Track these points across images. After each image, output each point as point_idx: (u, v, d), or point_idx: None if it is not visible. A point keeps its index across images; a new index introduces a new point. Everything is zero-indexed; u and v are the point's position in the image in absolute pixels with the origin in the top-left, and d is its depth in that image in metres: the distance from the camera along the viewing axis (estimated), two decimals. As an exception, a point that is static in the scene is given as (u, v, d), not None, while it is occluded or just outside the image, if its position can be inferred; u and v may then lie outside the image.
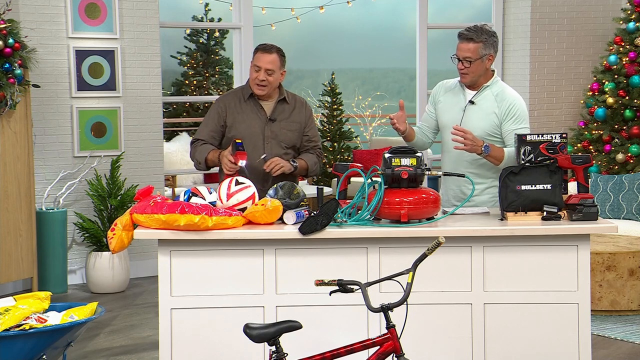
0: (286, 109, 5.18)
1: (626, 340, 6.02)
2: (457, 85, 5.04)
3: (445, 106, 5.04)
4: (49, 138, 7.74)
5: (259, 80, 5.06)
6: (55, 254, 7.51)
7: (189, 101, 14.39)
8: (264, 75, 5.04)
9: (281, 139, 5.12)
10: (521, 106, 4.91)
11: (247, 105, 5.13)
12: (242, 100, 5.14)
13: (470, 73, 4.88)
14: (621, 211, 7.85)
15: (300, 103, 5.26)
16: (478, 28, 4.88)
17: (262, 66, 5.04)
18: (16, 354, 4.44)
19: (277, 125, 5.13)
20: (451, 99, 5.02)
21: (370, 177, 4.30)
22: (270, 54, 5.07)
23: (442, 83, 5.15)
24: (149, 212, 4.18)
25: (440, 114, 5.06)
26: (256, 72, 5.06)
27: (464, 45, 4.85)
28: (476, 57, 4.83)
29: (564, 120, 9.39)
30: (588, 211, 4.31)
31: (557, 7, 9.27)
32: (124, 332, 6.38)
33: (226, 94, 5.29)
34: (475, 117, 4.90)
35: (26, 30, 7.34)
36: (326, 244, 4.26)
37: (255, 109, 5.13)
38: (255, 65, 5.07)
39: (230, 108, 5.13)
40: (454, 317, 4.31)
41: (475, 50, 4.83)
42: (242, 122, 5.10)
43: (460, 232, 4.24)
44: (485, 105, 4.90)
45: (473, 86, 4.95)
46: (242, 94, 5.17)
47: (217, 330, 4.28)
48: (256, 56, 5.09)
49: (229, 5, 9.78)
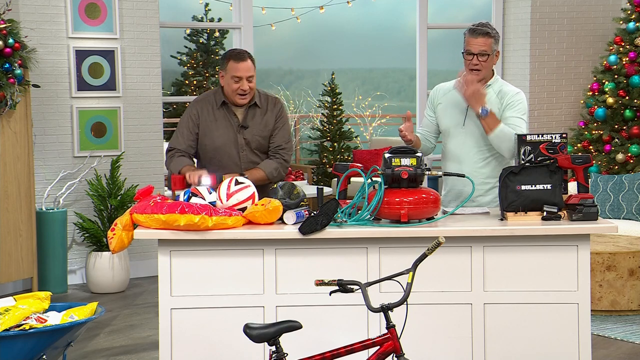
0: (257, 114, 5.02)
1: (626, 340, 6.02)
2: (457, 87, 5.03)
3: (446, 108, 5.02)
4: (49, 138, 7.74)
5: (242, 91, 4.90)
6: (55, 254, 7.51)
7: (189, 101, 14.37)
8: (247, 84, 4.89)
9: (254, 146, 4.99)
10: (521, 98, 4.92)
11: (219, 113, 4.98)
12: (214, 107, 4.99)
13: (484, 69, 4.87)
14: (621, 211, 7.85)
15: (271, 104, 5.06)
16: (488, 24, 4.91)
17: (242, 75, 4.87)
18: (16, 354, 4.44)
19: (249, 132, 4.99)
20: (452, 101, 5.00)
21: (370, 177, 4.30)
22: (245, 60, 4.90)
23: (439, 87, 5.12)
24: (149, 212, 4.18)
25: (441, 117, 5.03)
26: (236, 82, 4.88)
27: (481, 39, 4.83)
28: (490, 51, 4.85)
29: (564, 120, 9.39)
30: (588, 211, 4.31)
31: (557, 7, 9.28)
32: (124, 332, 6.38)
33: (198, 100, 5.08)
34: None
35: (26, 30, 7.34)
36: (326, 244, 4.26)
37: (227, 116, 4.98)
38: (234, 76, 4.88)
39: (203, 116, 4.98)
40: (454, 317, 4.31)
41: (490, 45, 4.84)
42: (215, 131, 4.97)
43: (460, 232, 4.24)
44: (489, 103, 4.90)
45: None
46: (215, 100, 5.00)
47: (217, 330, 4.28)
48: (231, 66, 4.89)
49: (229, 5, 9.78)
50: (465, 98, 4.80)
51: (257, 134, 5.01)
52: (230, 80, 4.91)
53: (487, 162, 4.91)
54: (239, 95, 4.92)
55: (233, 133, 4.99)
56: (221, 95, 5.00)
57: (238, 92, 4.92)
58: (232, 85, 4.91)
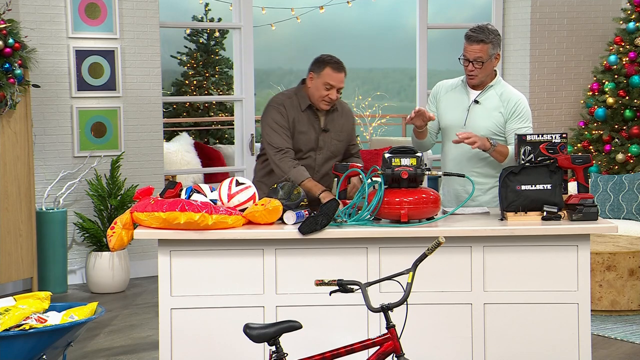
0: (335, 118, 5.08)
1: (626, 340, 6.02)
2: (460, 85, 5.02)
3: (448, 106, 5.01)
4: (49, 138, 7.74)
5: (329, 99, 4.92)
6: (55, 254, 7.51)
7: (189, 101, 14.38)
8: (336, 94, 4.93)
9: (331, 149, 5.05)
10: (526, 106, 4.93)
11: (304, 116, 4.99)
12: (299, 110, 4.99)
13: (480, 74, 4.87)
14: (621, 211, 7.85)
15: (346, 110, 5.18)
16: (485, 28, 4.86)
17: (336, 85, 4.91)
18: (16, 354, 4.44)
19: (329, 136, 5.05)
20: (454, 99, 5.00)
21: (370, 177, 4.30)
22: (342, 72, 4.94)
23: (442, 83, 5.12)
24: (149, 210, 4.18)
25: (442, 114, 5.03)
26: (327, 90, 4.90)
27: (476, 46, 4.81)
28: (487, 57, 4.83)
29: (564, 120, 9.39)
30: (588, 211, 4.31)
31: (557, 7, 9.27)
32: (124, 332, 6.38)
33: (281, 101, 5.02)
34: (479, 116, 4.90)
35: (26, 30, 7.34)
36: (326, 244, 4.26)
37: (312, 119, 5.00)
38: (327, 83, 4.89)
39: (291, 117, 4.97)
40: (454, 317, 4.31)
41: (486, 51, 4.82)
42: (302, 134, 4.99)
43: (460, 232, 4.24)
44: (490, 104, 4.90)
45: (478, 86, 4.95)
46: (299, 102, 5.00)
47: (217, 330, 4.28)
48: (327, 73, 4.90)
49: (229, 5, 9.78)
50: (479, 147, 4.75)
51: (334, 138, 5.07)
52: (322, 86, 4.92)
53: (487, 162, 4.91)
54: (324, 102, 4.95)
55: (315, 136, 5.01)
56: (305, 97, 5.00)
57: (325, 100, 4.94)
58: (322, 91, 4.92)
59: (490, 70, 4.89)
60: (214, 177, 11.14)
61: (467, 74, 4.90)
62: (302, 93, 5.01)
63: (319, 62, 4.95)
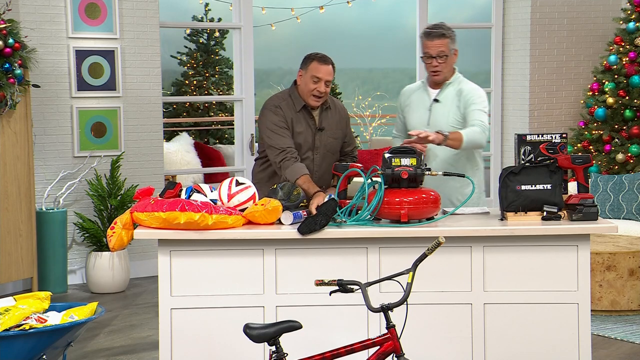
0: (329, 116, 5.11)
1: (626, 340, 6.02)
2: (421, 87, 5.15)
3: (411, 108, 5.14)
4: (49, 138, 7.74)
5: (318, 92, 4.95)
6: (55, 254, 7.51)
7: (189, 101, 14.38)
8: (324, 87, 4.95)
9: (328, 147, 5.07)
10: (480, 93, 4.97)
11: (300, 116, 5.01)
12: (294, 110, 5.01)
13: (444, 69, 4.97)
14: (621, 211, 7.85)
15: (340, 108, 5.20)
16: (442, 24, 5.00)
17: (323, 77, 4.93)
18: (16, 354, 4.44)
19: (325, 134, 5.07)
20: (417, 101, 5.13)
21: (370, 177, 4.31)
22: (327, 64, 4.97)
23: (406, 89, 5.25)
24: (149, 210, 4.19)
25: (407, 117, 5.16)
26: (315, 83, 4.93)
27: (438, 41, 4.93)
28: (448, 52, 4.94)
29: (564, 120, 9.39)
30: (588, 211, 4.31)
31: (557, 7, 9.27)
32: (124, 332, 6.38)
33: (276, 103, 5.04)
34: (440, 114, 5.00)
35: (26, 30, 7.34)
36: (326, 244, 4.26)
37: (307, 119, 5.02)
38: (314, 76, 4.93)
39: (289, 118, 4.99)
40: (454, 317, 4.31)
41: (447, 45, 4.94)
42: (299, 134, 5.00)
43: (460, 232, 4.24)
44: (449, 101, 5.01)
45: (436, 85, 5.05)
46: (294, 103, 5.02)
47: (217, 330, 4.28)
48: (313, 67, 4.95)
49: (229, 5, 9.78)
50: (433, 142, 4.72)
51: (330, 136, 5.09)
52: (309, 80, 4.96)
53: (458, 157, 4.96)
54: (313, 96, 4.97)
55: (311, 136, 5.03)
56: (298, 98, 5.02)
57: (314, 93, 4.96)
58: (309, 85, 4.96)
59: (451, 66, 5.00)
60: (214, 177, 11.15)
61: (431, 70, 5.00)
62: (295, 94, 5.04)
63: (305, 59, 5.04)
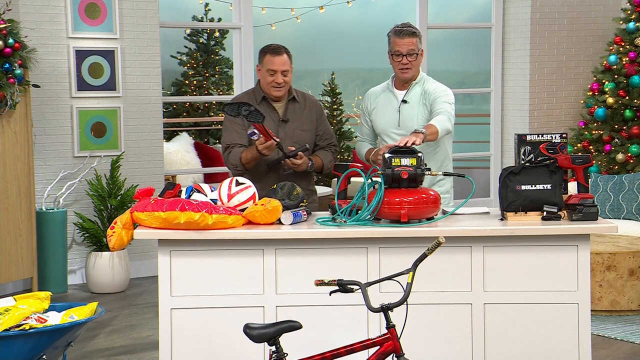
0: (297, 108, 5.16)
1: (626, 340, 6.02)
2: (386, 89, 5.18)
3: (379, 111, 5.16)
4: (49, 138, 7.74)
5: (276, 84, 5.04)
6: (55, 254, 7.51)
7: (189, 101, 14.38)
8: (281, 78, 5.03)
9: (295, 139, 5.09)
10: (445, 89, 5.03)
11: (261, 108, 5.05)
12: (255, 103, 5.07)
13: (414, 67, 5.02)
14: (621, 211, 7.85)
15: (310, 101, 5.25)
16: (410, 24, 5.09)
17: (278, 69, 5.03)
18: (16, 354, 4.44)
19: (290, 126, 5.11)
20: (383, 103, 5.15)
21: (370, 177, 4.31)
22: (280, 55, 5.05)
23: (371, 92, 5.27)
24: (149, 209, 4.19)
25: (375, 120, 5.18)
26: (271, 75, 5.03)
27: (408, 39, 4.99)
28: (417, 50, 5.01)
29: (564, 120, 9.39)
30: (588, 211, 4.31)
31: (557, 7, 9.27)
32: (124, 332, 6.38)
33: (239, 97, 5.20)
34: (409, 115, 5.05)
35: (26, 30, 7.34)
36: (326, 244, 4.26)
37: (268, 111, 5.09)
38: (269, 69, 5.03)
39: None
40: (454, 317, 4.31)
41: (416, 43, 5.02)
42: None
43: (460, 232, 4.24)
44: (416, 101, 5.06)
45: (403, 85, 5.09)
46: (255, 96, 5.12)
47: (217, 330, 4.28)
48: (267, 59, 5.05)
49: (229, 5, 9.78)
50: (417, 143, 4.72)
51: (297, 128, 5.13)
52: (266, 74, 5.06)
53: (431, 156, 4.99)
54: (273, 87, 5.05)
55: (274, 127, 5.07)
56: (259, 91, 5.13)
57: (272, 85, 5.05)
58: (267, 77, 5.06)
59: (419, 65, 5.07)
60: (214, 177, 11.15)
61: (400, 68, 5.04)
62: (257, 88, 5.16)
63: (260, 53, 5.14)
